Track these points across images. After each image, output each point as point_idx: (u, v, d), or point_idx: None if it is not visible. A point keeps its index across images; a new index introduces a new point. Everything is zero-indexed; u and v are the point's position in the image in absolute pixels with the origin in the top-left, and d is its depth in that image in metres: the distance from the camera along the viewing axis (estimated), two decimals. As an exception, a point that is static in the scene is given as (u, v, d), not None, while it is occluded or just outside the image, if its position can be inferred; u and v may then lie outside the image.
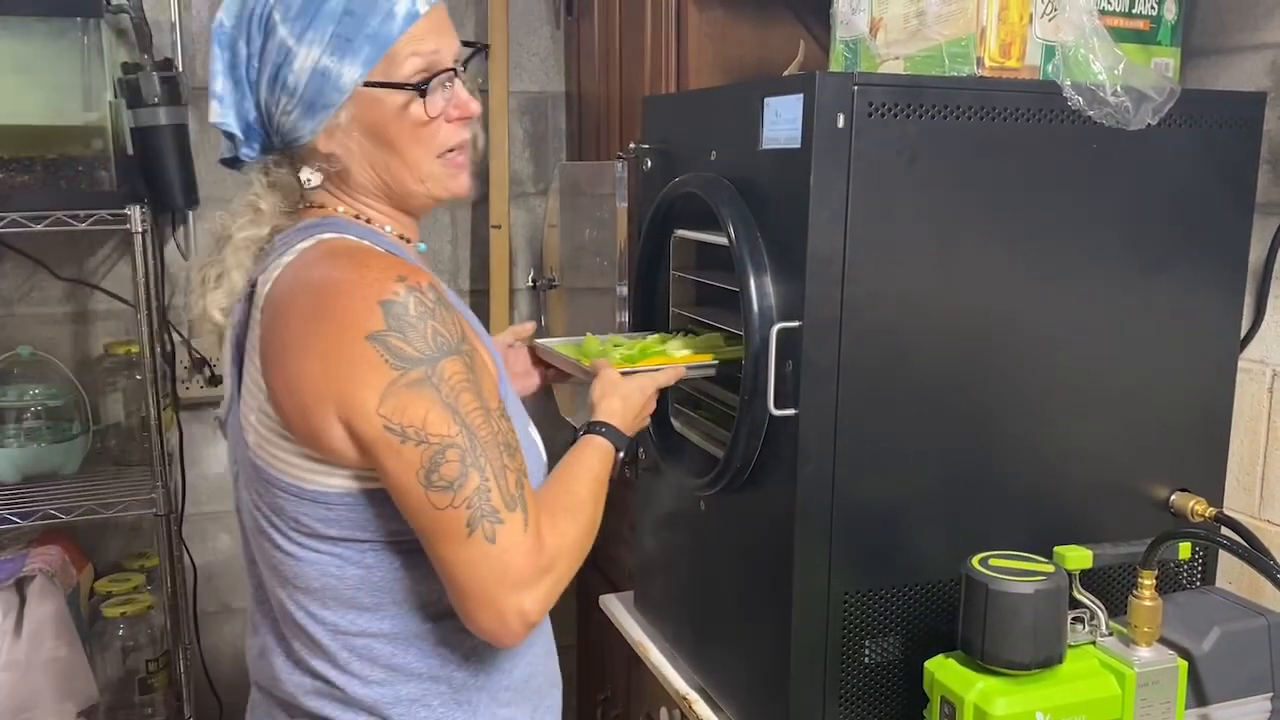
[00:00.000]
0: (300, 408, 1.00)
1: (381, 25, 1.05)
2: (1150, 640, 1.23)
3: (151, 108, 2.07)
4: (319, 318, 0.99)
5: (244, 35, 1.06)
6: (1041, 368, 1.36)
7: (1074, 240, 1.34)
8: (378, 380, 0.96)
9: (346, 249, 1.05)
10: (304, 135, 1.08)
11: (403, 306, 0.97)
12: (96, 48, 2.06)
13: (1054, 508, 1.39)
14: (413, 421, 0.97)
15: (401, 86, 1.07)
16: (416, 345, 0.97)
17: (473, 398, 1.00)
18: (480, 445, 0.99)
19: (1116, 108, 1.26)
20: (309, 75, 1.05)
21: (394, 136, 1.09)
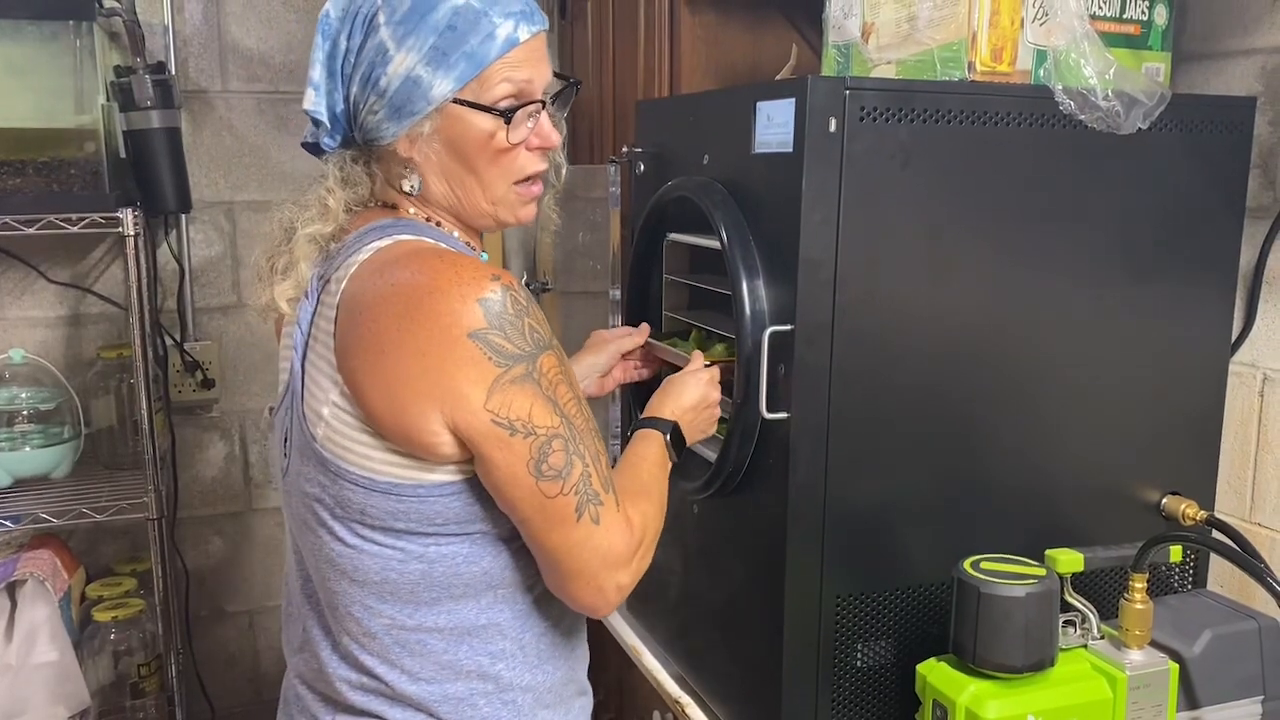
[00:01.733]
0: (395, 405, 1.01)
1: (480, 45, 1.06)
2: (1141, 643, 1.23)
3: (144, 111, 2.06)
4: (415, 317, 0.99)
5: (346, 30, 1.07)
6: (1033, 371, 1.36)
7: (1065, 244, 1.34)
8: (483, 377, 0.99)
9: (431, 251, 1.06)
10: (386, 137, 1.09)
11: (500, 304, 1.00)
12: (89, 50, 2.05)
13: (1045, 511, 1.40)
14: (519, 415, 1.00)
15: (489, 110, 1.08)
16: (516, 342, 1.00)
17: (568, 389, 1.05)
18: (579, 434, 1.04)
19: (1108, 112, 1.27)
20: (401, 80, 1.06)
21: (473, 156, 1.10)
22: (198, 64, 2.28)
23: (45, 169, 2.05)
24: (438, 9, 1.05)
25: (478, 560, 1.09)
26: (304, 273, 1.11)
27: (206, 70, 2.29)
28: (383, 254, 1.07)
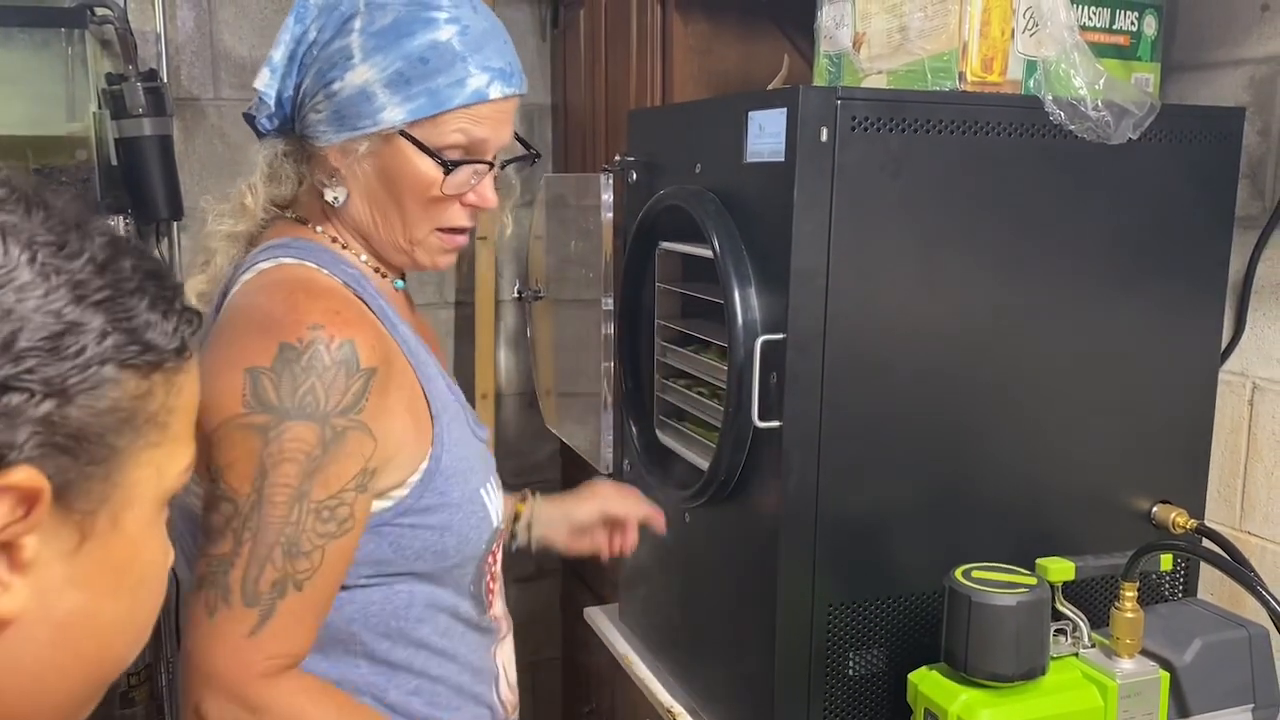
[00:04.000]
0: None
1: (446, 88, 1.02)
2: (1132, 652, 1.23)
3: (136, 118, 2.06)
4: (231, 346, 0.96)
5: (321, 21, 1.04)
6: (1024, 380, 1.37)
7: (1056, 253, 1.35)
8: (227, 408, 0.92)
9: (296, 280, 1.01)
10: (319, 138, 1.05)
11: (295, 353, 0.92)
12: (81, 58, 2.05)
13: (1036, 520, 1.40)
14: (219, 460, 0.92)
15: (433, 155, 1.04)
16: (282, 394, 0.92)
17: (294, 472, 0.92)
18: (258, 522, 0.91)
19: (1097, 122, 1.27)
20: (354, 91, 1.02)
21: (403, 192, 1.06)
22: (190, 72, 2.28)
23: (36, 176, 2.05)
24: (416, 36, 1.02)
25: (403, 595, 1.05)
26: (219, 266, 1.08)
27: (198, 78, 2.29)
28: (260, 277, 1.03)
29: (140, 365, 0.51)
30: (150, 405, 0.52)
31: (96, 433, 0.49)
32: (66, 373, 0.48)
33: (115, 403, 0.50)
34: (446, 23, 1.03)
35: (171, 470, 0.55)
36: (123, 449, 0.51)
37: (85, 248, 0.51)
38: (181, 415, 0.56)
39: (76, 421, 0.48)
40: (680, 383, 1.57)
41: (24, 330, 0.47)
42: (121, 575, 0.53)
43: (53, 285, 0.48)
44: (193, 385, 0.57)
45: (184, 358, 0.55)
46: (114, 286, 0.51)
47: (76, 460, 0.49)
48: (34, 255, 0.48)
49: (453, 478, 1.06)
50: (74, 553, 0.50)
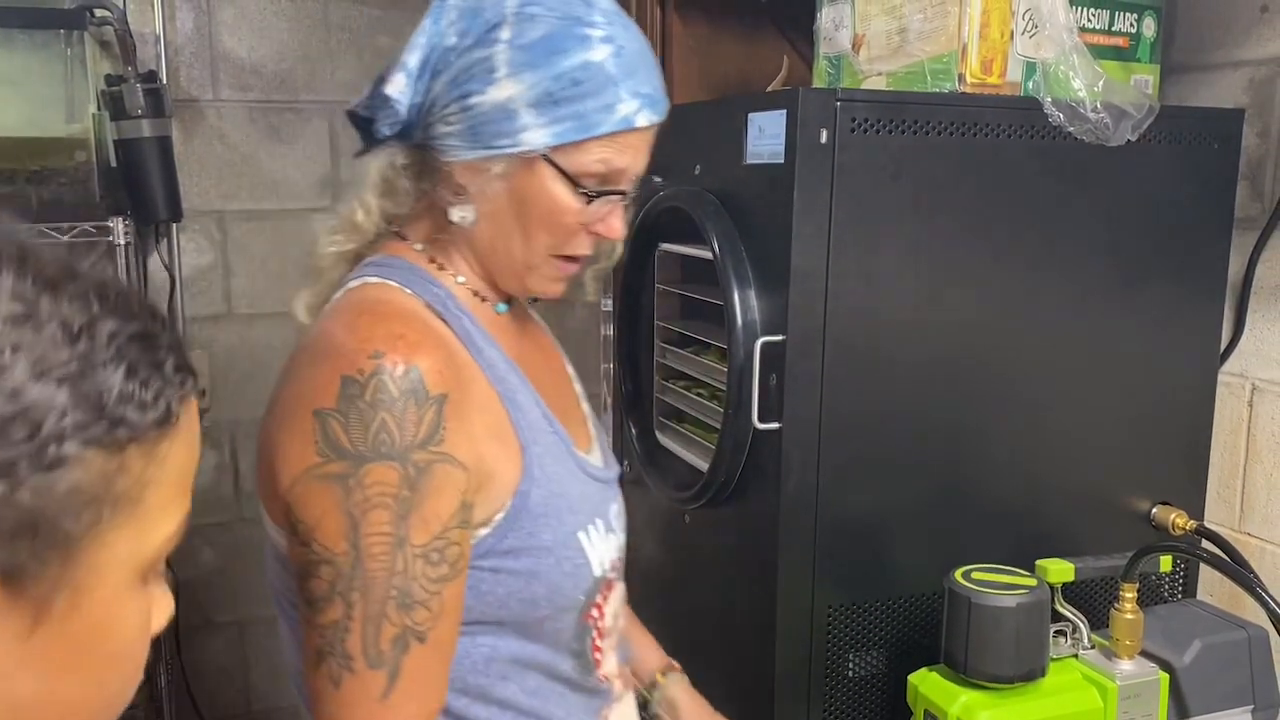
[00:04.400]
0: (260, 466, 0.92)
1: (596, 113, 0.94)
2: (1132, 653, 1.23)
3: (135, 120, 2.06)
4: (294, 380, 0.90)
5: (461, 25, 0.94)
6: (1023, 381, 1.37)
7: (1055, 254, 1.35)
8: (301, 459, 0.86)
9: (367, 302, 0.94)
10: (447, 152, 0.96)
11: (359, 387, 0.85)
12: (80, 60, 2.05)
13: (1036, 521, 1.40)
14: (305, 519, 0.85)
15: (574, 183, 0.96)
16: (353, 436, 0.85)
17: (386, 519, 0.85)
18: (363, 577, 0.84)
19: (1096, 124, 1.27)
20: (494, 107, 0.93)
21: (532, 216, 0.97)
22: (189, 73, 2.28)
23: (36, 178, 2.05)
24: (569, 54, 0.92)
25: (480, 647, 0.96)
26: (328, 283, 1.00)
27: (198, 79, 2.29)
28: (340, 298, 0.97)
29: (109, 443, 0.48)
30: (121, 483, 0.49)
31: (52, 517, 0.46)
32: (17, 455, 0.45)
33: (75, 485, 0.46)
34: (601, 42, 0.94)
35: (153, 540, 0.52)
36: (83, 532, 0.47)
37: (57, 314, 0.47)
38: (166, 484, 0.52)
39: (29, 505, 0.45)
40: (680, 384, 1.58)
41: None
42: (86, 656, 0.50)
43: (8, 362, 0.45)
44: (183, 449, 0.53)
45: (168, 426, 0.51)
46: (83, 359, 0.47)
47: (30, 544, 0.45)
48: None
49: (544, 517, 0.95)
50: (28, 636, 0.47)
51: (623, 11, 0.98)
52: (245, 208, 2.39)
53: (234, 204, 2.38)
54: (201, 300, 2.50)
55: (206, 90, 2.31)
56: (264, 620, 2.78)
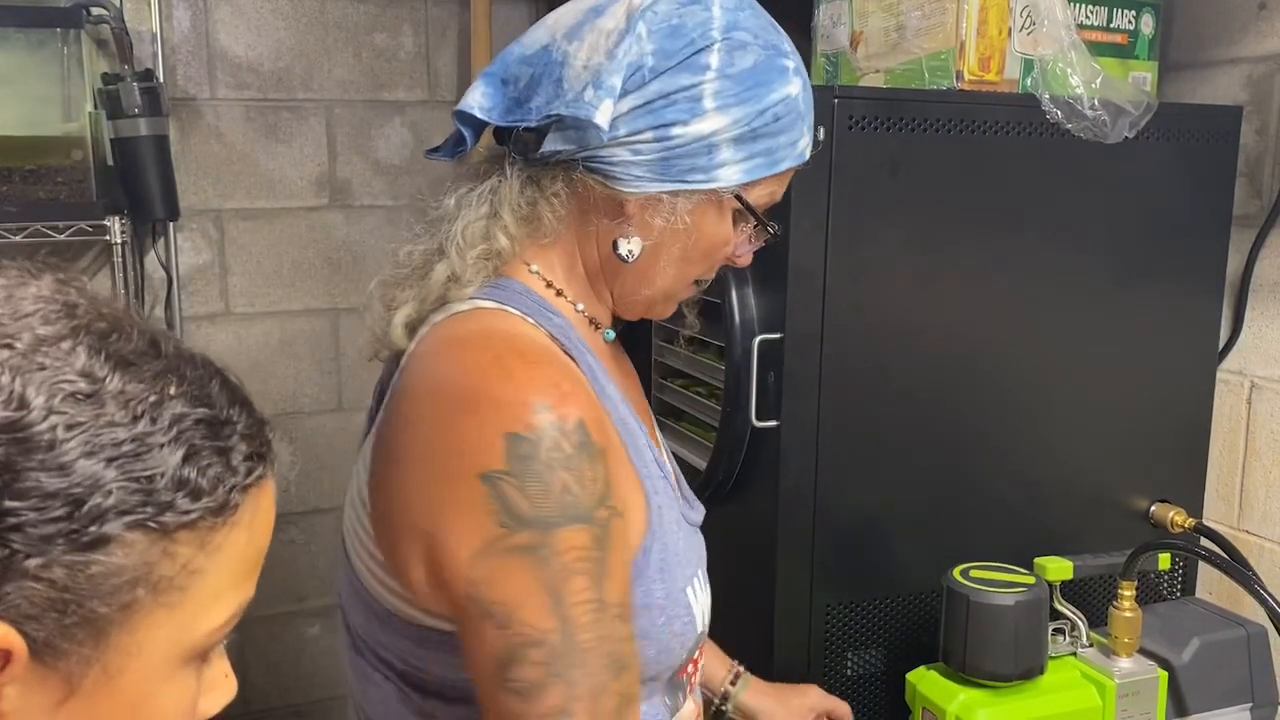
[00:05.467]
0: (390, 523, 0.83)
1: (784, 149, 0.89)
2: (1130, 651, 1.23)
3: (132, 118, 2.05)
4: (439, 428, 0.79)
5: (663, 47, 0.85)
6: (1021, 379, 1.36)
7: (1053, 252, 1.35)
8: (477, 532, 0.76)
9: (501, 338, 0.84)
10: (625, 182, 0.87)
11: (532, 445, 0.76)
12: (76, 58, 2.04)
13: (1035, 519, 1.40)
14: (501, 598, 0.76)
15: (762, 222, 0.92)
16: (535, 500, 0.76)
17: (588, 585, 0.77)
18: (578, 651, 0.76)
19: (1094, 121, 1.27)
20: (695, 141, 0.85)
21: (697, 250, 0.91)
22: (186, 71, 2.28)
23: (32, 177, 2.04)
24: (774, 88, 0.87)
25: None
26: (430, 301, 0.90)
27: (194, 78, 2.29)
28: (454, 324, 0.87)
29: (155, 527, 0.47)
30: (165, 568, 0.48)
31: (85, 596, 0.46)
32: (55, 532, 0.45)
33: (113, 567, 0.46)
34: (794, 74, 0.89)
35: (197, 630, 0.50)
36: (118, 614, 0.47)
37: (122, 393, 0.47)
38: (217, 573, 0.51)
39: (62, 582, 0.45)
40: (678, 382, 1.57)
41: (15, 485, 0.44)
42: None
43: (61, 437, 0.45)
44: (244, 537, 0.52)
45: (225, 515, 0.50)
46: (139, 440, 0.47)
47: (59, 621, 0.45)
48: (51, 405, 0.45)
49: (659, 573, 0.88)
50: (56, 708, 0.47)
51: None
52: (242, 206, 2.39)
53: (231, 203, 2.37)
54: (198, 299, 2.50)
55: (203, 89, 2.31)
56: (262, 620, 2.78)
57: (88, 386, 0.46)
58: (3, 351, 0.46)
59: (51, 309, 0.48)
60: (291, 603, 2.42)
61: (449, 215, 0.92)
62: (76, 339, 0.47)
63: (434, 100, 2.44)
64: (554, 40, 0.89)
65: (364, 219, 2.43)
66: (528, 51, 0.91)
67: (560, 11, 0.92)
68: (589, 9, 0.89)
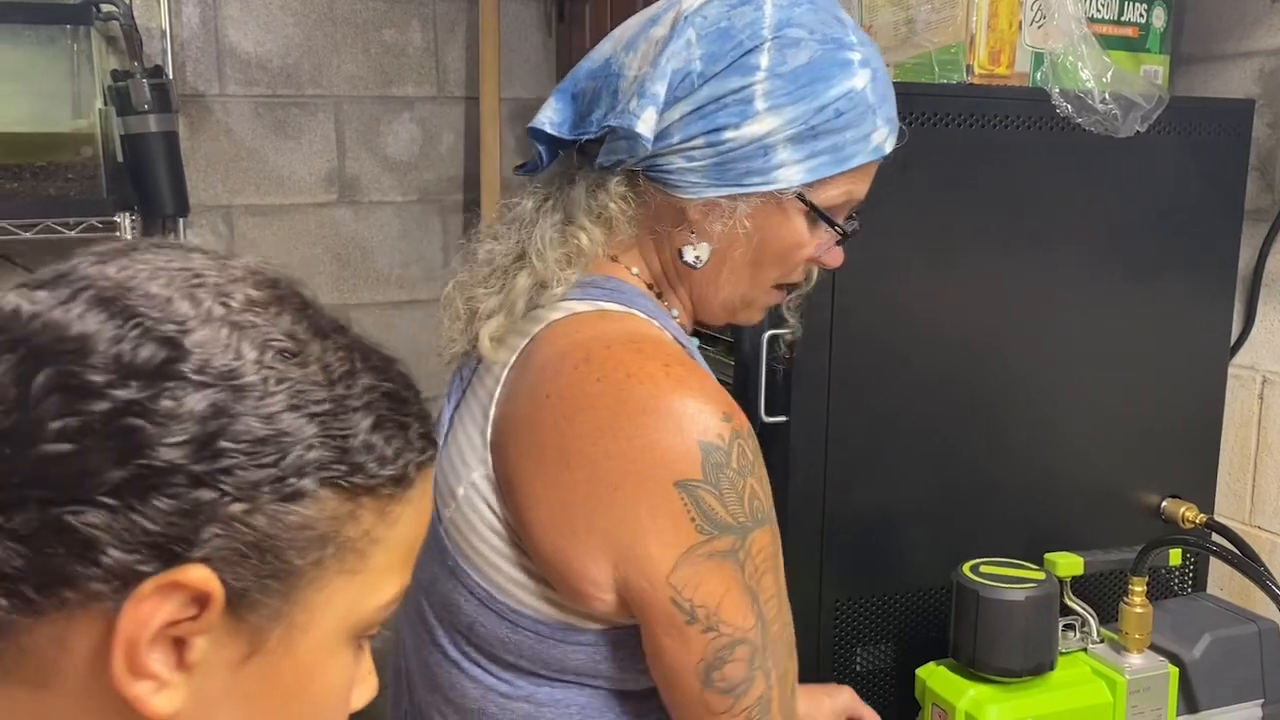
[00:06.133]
0: (559, 530, 0.81)
1: (852, 144, 0.87)
2: (1141, 647, 1.23)
3: (141, 115, 2.06)
4: (618, 437, 0.79)
5: (710, 50, 0.84)
6: (1032, 374, 1.36)
7: (1064, 247, 1.34)
8: (677, 540, 0.78)
9: (649, 346, 0.83)
10: (683, 189, 0.87)
11: (724, 454, 0.78)
12: (86, 55, 2.05)
13: (1045, 514, 1.39)
14: (705, 601, 0.78)
15: (829, 222, 0.89)
16: (731, 507, 0.78)
17: (773, 581, 0.82)
18: (770, 643, 0.81)
19: (1105, 115, 1.26)
20: (749, 144, 0.84)
21: (769, 253, 0.90)
22: (195, 68, 2.28)
23: (42, 173, 2.05)
24: (833, 83, 0.85)
25: (597, 716, 0.89)
26: (517, 312, 0.88)
27: (204, 74, 2.29)
28: (581, 325, 0.85)
29: (346, 486, 0.49)
30: (350, 530, 0.50)
31: (282, 545, 0.48)
32: (261, 479, 0.47)
33: (308, 520, 0.48)
34: (860, 66, 0.87)
35: (369, 603, 0.52)
36: (309, 568, 0.49)
37: (322, 358, 0.50)
38: (391, 547, 0.52)
39: (264, 529, 0.47)
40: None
41: (229, 429, 0.46)
42: (289, 701, 0.51)
43: (271, 390, 0.47)
44: (414, 516, 0.54)
45: (402, 488, 0.52)
46: (338, 401, 0.49)
47: (256, 569, 0.47)
48: (262, 359, 0.48)
49: None
50: (240, 665, 0.49)
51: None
52: (251, 203, 2.39)
53: (240, 199, 2.38)
54: (208, 295, 2.50)
55: (213, 85, 2.31)
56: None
57: (294, 346, 0.49)
58: (220, 307, 0.48)
59: (258, 277, 0.52)
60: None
61: (527, 220, 0.91)
62: (281, 306, 0.51)
63: (442, 96, 2.44)
64: (615, 53, 0.90)
65: (373, 215, 2.43)
66: (594, 66, 0.92)
67: (626, 23, 0.93)
68: (646, 19, 0.90)
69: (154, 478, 0.45)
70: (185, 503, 0.45)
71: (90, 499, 0.44)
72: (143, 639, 0.45)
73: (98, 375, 0.45)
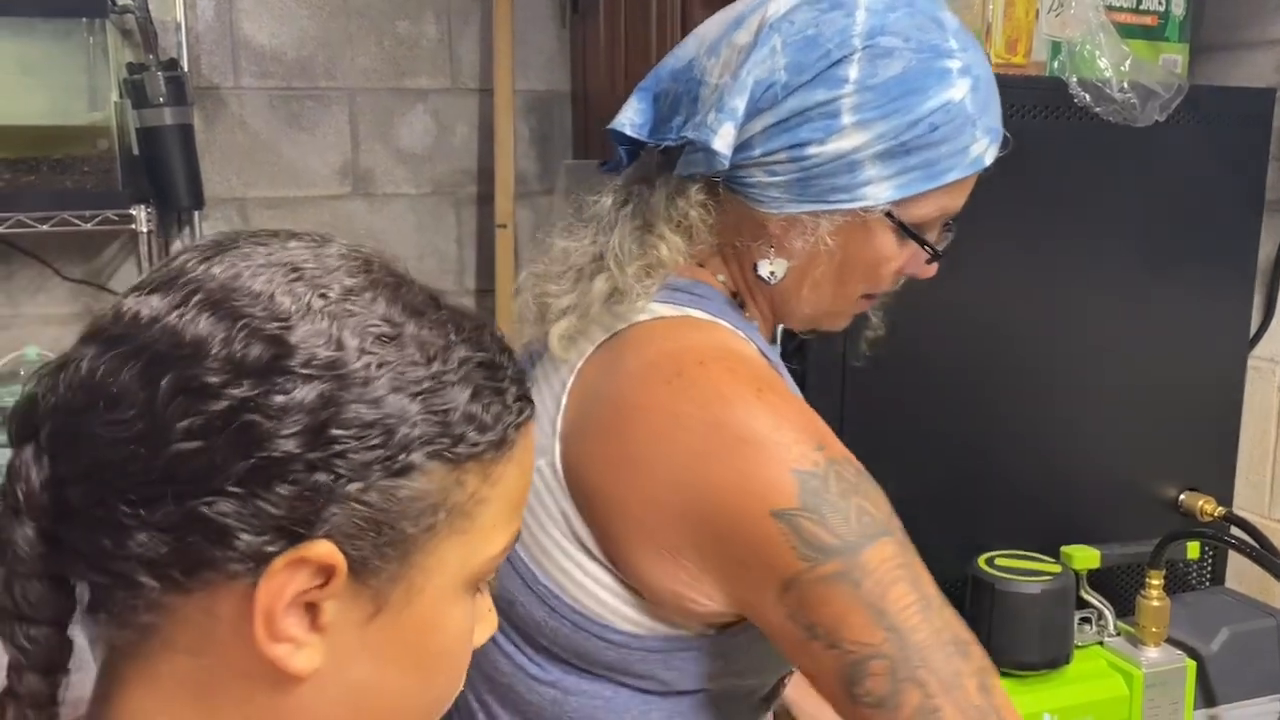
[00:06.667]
0: (653, 548, 0.80)
1: (948, 159, 0.83)
2: (1158, 640, 1.22)
3: (157, 108, 2.06)
4: (713, 464, 0.77)
5: (790, 59, 0.81)
6: (1049, 366, 1.35)
7: (1082, 237, 1.33)
8: (778, 569, 0.76)
9: (741, 362, 0.82)
10: (764, 203, 0.84)
11: (821, 481, 0.77)
12: (101, 48, 2.05)
13: (1062, 507, 1.38)
14: (822, 621, 0.76)
15: (920, 241, 0.87)
16: (836, 529, 0.76)
17: (907, 589, 0.78)
18: (917, 650, 0.76)
19: (1123, 104, 1.25)
20: (834, 159, 0.81)
21: (854, 269, 0.87)
22: (210, 60, 2.29)
23: (58, 166, 2.06)
24: (928, 95, 0.81)
25: (623, 712, 0.88)
26: (591, 316, 0.86)
27: (219, 67, 2.30)
28: (669, 332, 0.84)
29: (451, 457, 0.52)
30: (458, 495, 0.53)
31: (396, 517, 0.51)
32: (372, 459, 0.50)
33: (418, 492, 0.52)
34: (959, 75, 0.82)
35: (480, 556, 0.56)
36: (422, 535, 0.52)
37: (418, 337, 0.53)
38: (497, 504, 0.56)
39: (378, 505, 0.51)
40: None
41: (339, 416, 0.49)
42: (414, 650, 0.55)
43: (374, 375, 0.51)
44: (516, 472, 0.57)
45: (504, 449, 0.55)
46: (436, 378, 0.52)
47: (375, 540, 0.51)
48: (363, 346, 0.51)
49: None
50: (367, 623, 0.53)
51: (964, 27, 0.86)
52: (266, 195, 2.40)
53: (255, 191, 2.38)
54: (224, 288, 2.51)
55: (227, 78, 2.32)
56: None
57: (391, 330, 0.52)
58: (319, 300, 0.51)
59: (352, 264, 0.54)
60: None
61: (605, 220, 0.89)
62: (376, 290, 0.53)
63: (456, 88, 2.44)
64: (698, 55, 0.87)
65: (386, 207, 2.43)
66: (678, 66, 0.89)
67: (710, 20, 0.89)
68: (730, 20, 0.86)
69: (274, 467, 0.48)
70: (305, 487, 0.49)
71: (220, 489, 0.48)
72: (278, 608, 0.49)
73: (214, 376, 0.49)
